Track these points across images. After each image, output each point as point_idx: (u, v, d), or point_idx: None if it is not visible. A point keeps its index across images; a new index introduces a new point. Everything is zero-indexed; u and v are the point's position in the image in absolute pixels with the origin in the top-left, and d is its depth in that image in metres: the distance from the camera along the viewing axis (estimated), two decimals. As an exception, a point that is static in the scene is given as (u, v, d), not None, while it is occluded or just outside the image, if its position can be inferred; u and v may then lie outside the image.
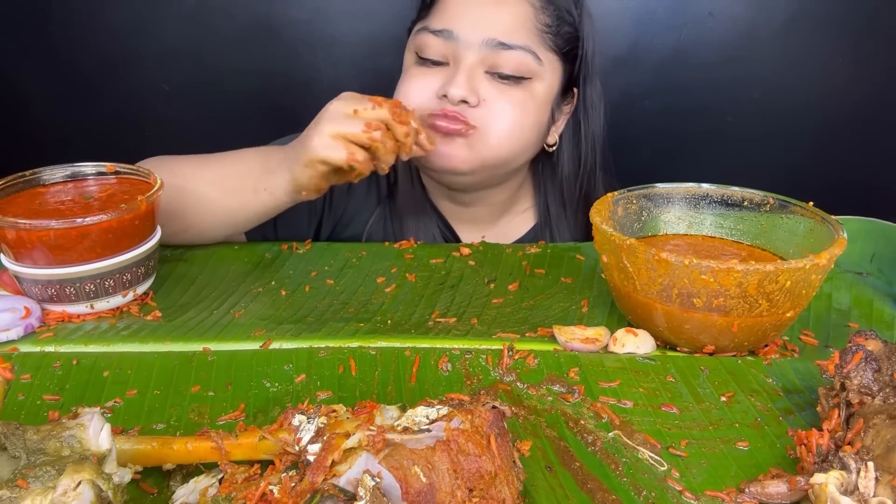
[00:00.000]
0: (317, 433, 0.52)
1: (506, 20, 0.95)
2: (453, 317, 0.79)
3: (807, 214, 0.77)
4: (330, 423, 0.52)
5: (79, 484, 0.43)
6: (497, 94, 0.95)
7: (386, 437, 0.49)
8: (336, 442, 0.49)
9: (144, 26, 1.44)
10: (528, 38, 0.96)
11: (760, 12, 1.43)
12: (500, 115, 0.96)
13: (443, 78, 0.96)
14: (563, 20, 0.99)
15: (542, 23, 0.97)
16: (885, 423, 0.53)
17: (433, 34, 0.96)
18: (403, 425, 0.50)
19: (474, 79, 0.95)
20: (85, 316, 0.78)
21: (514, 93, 0.96)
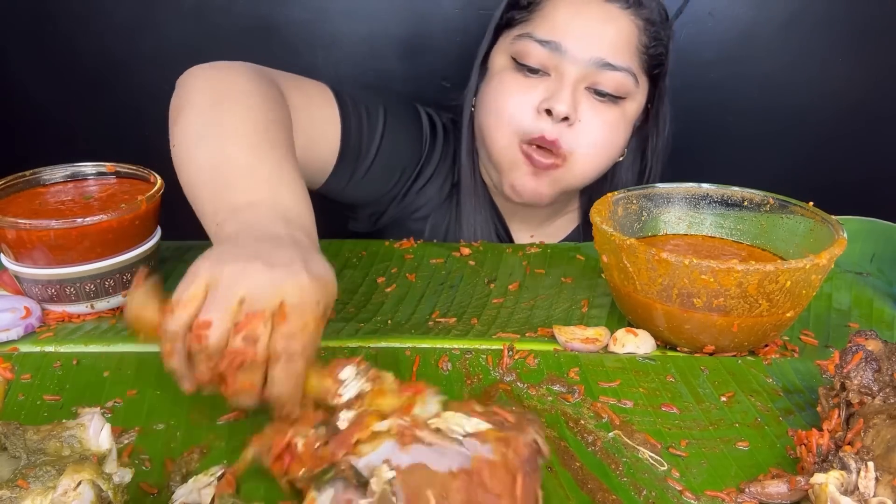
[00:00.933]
0: (357, 396, 0.51)
1: (612, 38, 0.94)
2: (453, 317, 0.79)
3: (807, 214, 0.77)
4: (372, 391, 0.51)
5: (79, 484, 0.43)
6: (593, 114, 0.95)
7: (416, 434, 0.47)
8: (367, 421, 0.48)
9: (144, 26, 1.44)
10: (631, 60, 0.96)
11: (760, 12, 1.43)
12: (592, 134, 0.96)
13: (543, 90, 0.95)
14: (659, 41, 0.98)
15: (641, 43, 0.97)
16: (885, 423, 0.53)
17: (539, 43, 0.94)
18: (437, 426, 0.48)
19: (577, 95, 0.94)
20: (85, 316, 0.78)
21: (609, 113, 0.96)
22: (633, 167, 1.09)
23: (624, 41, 0.95)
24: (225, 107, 0.75)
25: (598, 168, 1.01)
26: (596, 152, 0.98)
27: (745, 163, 1.53)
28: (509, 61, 0.98)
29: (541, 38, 0.94)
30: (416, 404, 0.51)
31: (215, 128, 0.73)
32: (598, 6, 0.95)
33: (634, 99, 0.99)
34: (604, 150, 0.98)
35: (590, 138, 0.96)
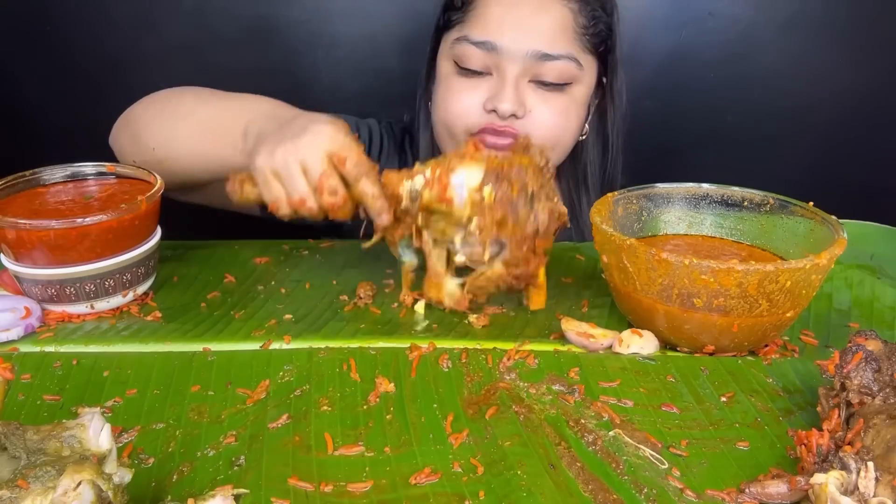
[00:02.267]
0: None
1: (547, 28, 0.95)
2: (454, 317, 0.79)
3: (807, 214, 0.77)
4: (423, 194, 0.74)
5: (79, 484, 0.43)
6: (541, 103, 0.96)
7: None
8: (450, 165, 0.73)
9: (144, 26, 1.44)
10: (570, 45, 0.96)
11: (760, 12, 1.43)
12: (545, 124, 0.97)
13: (487, 90, 0.96)
14: (598, 19, 0.99)
15: (579, 25, 0.97)
16: (885, 423, 0.53)
17: (475, 45, 0.95)
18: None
19: (520, 90, 0.95)
20: (85, 316, 0.78)
21: (558, 100, 0.97)
22: (597, 143, 1.10)
23: (559, 29, 0.95)
24: (170, 101, 0.93)
25: (560, 152, 1.02)
26: (551, 139, 0.98)
27: (745, 163, 1.53)
28: (452, 65, 0.99)
29: (476, 40, 0.95)
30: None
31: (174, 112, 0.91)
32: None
33: (581, 82, 0.99)
34: (558, 135, 0.99)
35: (543, 127, 0.97)
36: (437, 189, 0.72)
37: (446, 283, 0.78)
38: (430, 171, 0.73)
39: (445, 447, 0.59)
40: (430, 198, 0.73)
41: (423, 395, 0.65)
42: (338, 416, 0.62)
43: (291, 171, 0.73)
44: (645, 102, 1.48)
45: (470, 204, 0.72)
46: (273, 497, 0.52)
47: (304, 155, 0.73)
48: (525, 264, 0.74)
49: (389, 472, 0.56)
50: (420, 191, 0.73)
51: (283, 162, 0.73)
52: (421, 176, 0.73)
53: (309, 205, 0.74)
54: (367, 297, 0.83)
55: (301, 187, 0.74)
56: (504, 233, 0.72)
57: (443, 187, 0.72)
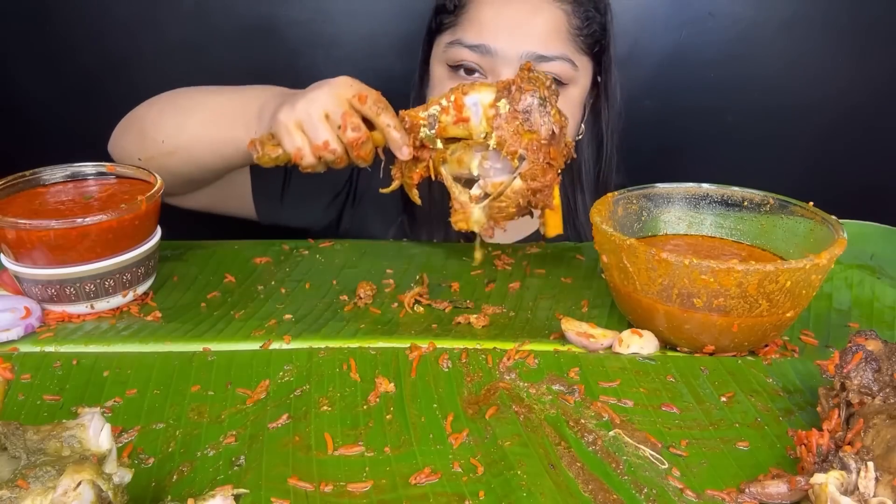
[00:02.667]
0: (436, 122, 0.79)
1: (541, 29, 0.94)
2: (454, 316, 0.79)
3: (807, 214, 0.77)
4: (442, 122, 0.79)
5: (79, 484, 0.43)
6: None
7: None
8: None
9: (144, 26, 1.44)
10: (564, 46, 0.96)
11: (760, 12, 1.43)
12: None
13: None
14: (591, 19, 0.98)
15: (573, 26, 0.97)
16: (885, 423, 0.53)
17: (469, 49, 0.95)
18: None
19: None
20: (85, 316, 0.78)
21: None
22: (591, 143, 1.09)
23: (553, 30, 0.95)
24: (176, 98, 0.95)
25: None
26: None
27: (744, 163, 1.53)
28: (446, 69, 0.99)
29: (469, 43, 0.95)
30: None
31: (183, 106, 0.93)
32: (521, 1, 0.95)
33: (577, 83, 0.98)
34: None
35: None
36: (454, 111, 0.77)
37: (473, 211, 0.81)
38: (445, 99, 0.78)
39: (445, 447, 0.59)
40: (447, 121, 0.78)
41: (423, 395, 0.65)
42: (338, 416, 0.62)
43: (314, 118, 0.78)
44: (645, 102, 1.49)
45: (486, 119, 0.77)
46: (273, 497, 0.52)
47: (324, 102, 0.78)
48: (542, 175, 0.77)
49: (389, 472, 0.56)
50: (438, 115, 0.78)
51: (304, 111, 0.78)
52: (437, 105, 0.78)
53: (332, 146, 0.78)
54: (367, 297, 0.83)
55: (323, 130, 0.78)
56: (521, 142, 0.76)
57: (458, 108, 0.77)
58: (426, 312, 0.81)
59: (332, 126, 0.78)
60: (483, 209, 0.81)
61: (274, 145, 0.81)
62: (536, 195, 0.78)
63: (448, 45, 0.98)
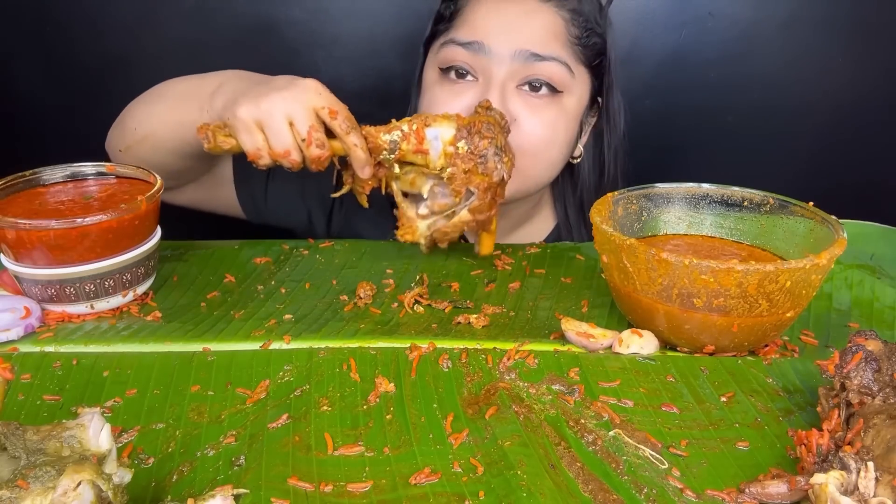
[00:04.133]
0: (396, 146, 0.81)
1: (537, 31, 0.93)
2: (454, 316, 0.79)
3: (807, 214, 0.77)
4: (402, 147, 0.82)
5: (79, 484, 0.43)
6: (529, 113, 0.93)
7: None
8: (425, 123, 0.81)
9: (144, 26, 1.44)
10: (560, 50, 0.93)
11: (760, 12, 1.43)
12: (532, 134, 0.93)
13: (472, 95, 0.93)
14: (592, 31, 0.96)
15: (572, 35, 0.95)
16: (885, 423, 0.53)
17: (462, 46, 0.93)
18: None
19: (506, 95, 0.92)
20: (85, 316, 0.78)
21: (547, 111, 0.93)
22: (594, 167, 1.07)
23: (550, 32, 0.93)
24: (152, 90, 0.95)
25: (547, 167, 0.98)
26: (539, 152, 0.95)
27: (744, 163, 1.53)
28: (437, 73, 0.96)
29: (463, 41, 0.93)
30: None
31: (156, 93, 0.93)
32: (517, 3, 0.94)
33: (573, 92, 0.95)
34: (547, 148, 0.96)
35: (530, 138, 0.93)
36: (415, 140, 0.80)
37: (419, 225, 0.85)
38: (408, 126, 0.81)
39: (445, 447, 0.59)
40: (407, 149, 0.81)
41: (422, 395, 0.65)
42: (338, 416, 0.62)
43: (277, 122, 0.75)
44: (645, 102, 1.48)
45: (444, 155, 0.81)
46: (273, 497, 0.52)
47: (292, 108, 0.75)
48: (489, 209, 0.83)
49: (389, 472, 0.56)
50: (399, 142, 0.80)
51: (267, 113, 0.75)
52: (399, 130, 0.80)
53: (293, 157, 0.77)
54: (367, 297, 0.83)
55: (286, 139, 0.76)
56: (473, 181, 0.82)
57: (419, 139, 0.80)
58: (426, 312, 0.81)
59: (295, 135, 0.76)
60: (428, 226, 0.85)
61: (226, 136, 0.80)
62: (479, 223, 0.85)
63: (442, 46, 0.96)
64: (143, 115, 0.92)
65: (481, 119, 0.82)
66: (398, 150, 0.81)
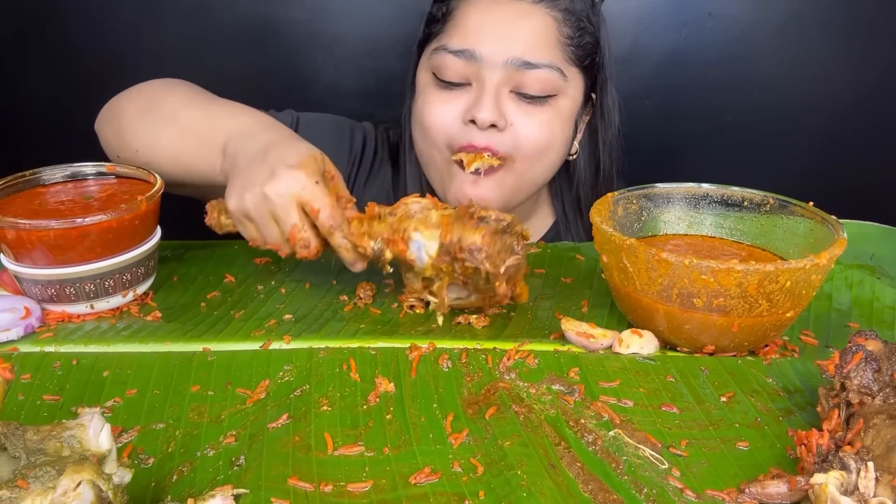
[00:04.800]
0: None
1: (528, 36, 0.92)
2: (454, 316, 0.79)
3: (807, 214, 0.77)
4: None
5: (79, 484, 0.43)
6: (523, 117, 0.92)
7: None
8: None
9: (144, 26, 1.44)
10: (552, 54, 0.93)
11: (760, 12, 1.43)
12: (528, 138, 0.93)
13: (466, 101, 0.92)
14: (584, 30, 0.96)
15: (564, 35, 0.94)
16: (885, 423, 0.53)
17: (453, 55, 0.92)
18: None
19: (500, 100, 0.91)
20: (85, 316, 0.78)
21: (541, 114, 0.93)
22: (590, 163, 1.07)
23: (541, 36, 0.92)
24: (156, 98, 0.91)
25: (545, 169, 0.99)
26: (535, 154, 0.95)
27: (745, 163, 1.53)
28: (431, 77, 0.96)
29: (454, 49, 0.92)
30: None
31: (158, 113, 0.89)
32: (508, 5, 0.92)
33: (566, 94, 0.95)
34: (544, 150, 0.96)
35: (527, 141, 0.93)
36: (398, 252, 0.74)
37: (425, 296, 0.79)
38: (388, 233, 0.74)
39: (445, 447, 0.59)
40: (393, 257, 0.75)
41: (422, 395, 0.65)
42: (338, 416, 0.62)
43: (263, 218, 0.74)
44: (645, 102, 1.49)
45: (431, 265, 0.74)
46: (273, 497, 0.52)
47: (274, 204, 0.73)
48: (504, 298, 0.75)
49: (389, 472, 0.56)
50: (383, 250, 0.75)
51: (252, 208, 0.74)
52: (380, 239, 0.74)
53: (284, 249, 0.76)
54: (367, 297, 0.83)
55: (273, 235, 0.75)
56: (472, 283, 0.75)
57: (402, 252, 0.74)
58: (426, 312, 0.81)
59: (282, 229, 0.75)
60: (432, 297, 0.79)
61: (228, 219, 0.80)
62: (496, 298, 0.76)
63: (433, 52, 0.96)
64: (146, 139, 0.89)
65: (465, 239, 0.71)
66: (383, 256, 0.75)
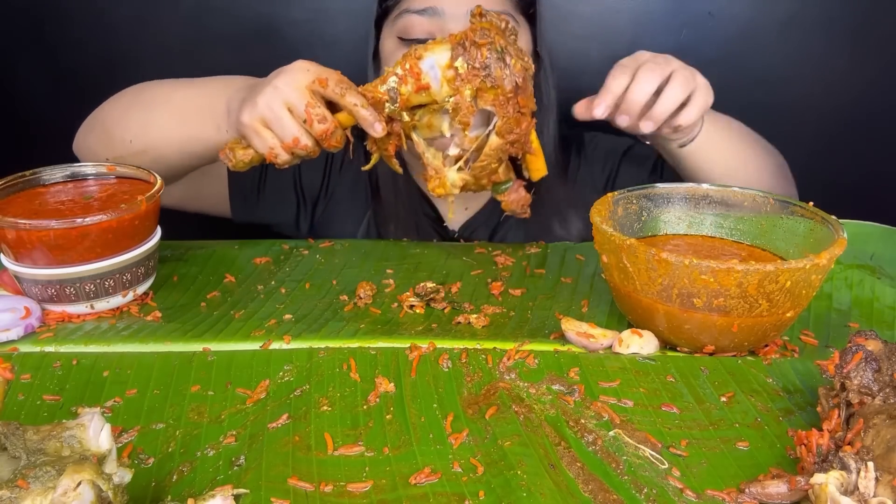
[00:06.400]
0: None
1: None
2: (454, 316, 0.79)
3: (807, 214, 0.77)
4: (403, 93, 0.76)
5: (79, 484, 0.43)
6: None
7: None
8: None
9: (144, 26, 1.44)
10: (505, 4, 0.97)
11: (760, 12, 1.43)
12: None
13: None
14: None
15: None
16: (885, 423, 0.53)
17: (417, 14, 0.96)
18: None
19: None
20: (85, 316, 0.78)
21: None
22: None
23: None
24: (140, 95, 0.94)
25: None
26: None
27: (744, 163, 1.53)
28: (396, 42, 0.99)
29: (418, 9, 0.96)
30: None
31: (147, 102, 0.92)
32: None
33: (521, 39, 0.98)
34: None
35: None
36: (412, 80, 0.75)
37: (448, 174, 0.80)
38: (401, 67, 0.75)
39: (445, 447, 0.59)
40: (408, 92, 0.76)
41: (422, 395, 0.65)
42: (338, 416, 0.62)
43: (277, 113, 0.76)
44: (645, 102, 1.48)
45: (446, 82, 0.75)
46: (273, 497, 0.52)
47: (285, 94, 0.76)
48: (517, 125, 0.76)
49: (389, 472, 0.56)
50: (398, 88, 0.76)
51: (266, 108, 0.77)
52: (394, 76, 0.76)
53: (303, 142, 0.77)
54: (367, 297, 0.83)
55: (290, 126, 0.77)
56: (487, 99, 0.75)
57: (416, 76, 0.75)
58: (426, 312, 0.81)
59: (297, 119, 0.77)
60: (459, 171, 0.80)
61: (244, 148, 0.80)
62: (514, 145, 0.78)
63: (397, 17, 0.99)
64: (138, 126, 0.91)
65: (475, 27, 0.75)
66: (399, 96, 0.75)
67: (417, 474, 0.55)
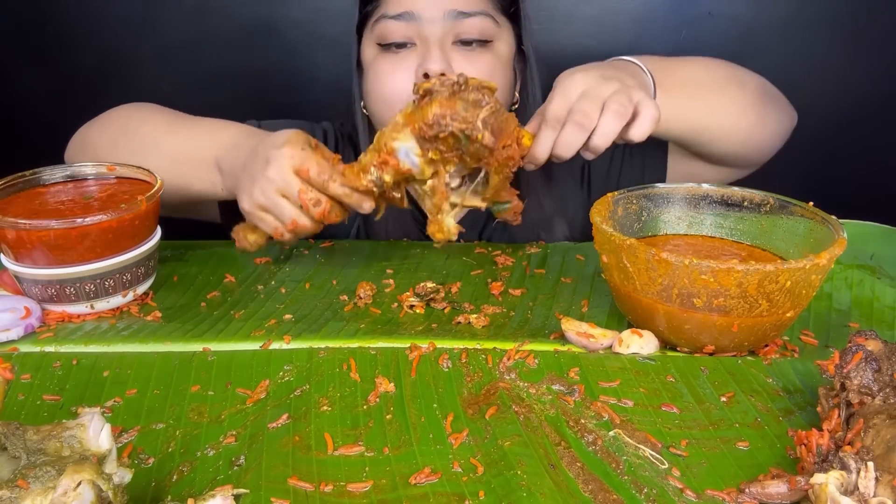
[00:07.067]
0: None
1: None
2: (454, 316, 0.79)
3: (807, 214, 0.77)
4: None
5: (79, 484, 0.43)
6: (467, 64, 0.96)
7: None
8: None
9: (144, 27, 1.44)
10: (483, 4, 0.98)
11: (760, 12, 1.43)
12: None
13: (415, 59, 0.96)
14: None
15: None
16: (885, 423, 0.53)
17: (394, 19, 0.96)
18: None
19: (445, 51, 0.96)
20: (85, 316, 0.78)
21: (482, 59, 0.98)
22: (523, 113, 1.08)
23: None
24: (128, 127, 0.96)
25: None
26: None
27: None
28: (376, 49, 0.99)
29: (394, 14, 0.96)
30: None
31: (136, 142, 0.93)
32: None
33: (501, 39, 1.00)
34: None
35: None
36: (391, 167, 0.77)
37: (446, 221, 0.81)
38: (375, 159, 0.77)
39: (445, 447, 0.59)
40: (392, 177, 0.77)
41: (422, 395, 0.65)
42: (338, 416, 0.62)
43: (274, 200, 0.80)
44: (645, 102, 1.48)
45: (424, 163, 0.77)
46: (273, 497, 0.52)
47: (277, 184, 0.79)
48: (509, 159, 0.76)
49: (389, 472, 0.56)
50: (381, 177, 0.78)
51: (263, 197, 0.80)
52: (372, 168, 0.77)
53: (302, 223, 0.81)
54: (367, 297, 0.83)
55: (288, 211, 0.80)
56: (473, 161, 0.76)
57: (395, 167, 0.77)
58: (426, 312, 0.81)
59: (294, 204, 0.80)
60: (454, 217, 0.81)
61: (253, 231, 0.86)
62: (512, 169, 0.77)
63: (374, 24, 0.99)
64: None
65: (425, 115, 0.73)
66: (384, 183, 0.78)
67: (417, 474, 0.55)
